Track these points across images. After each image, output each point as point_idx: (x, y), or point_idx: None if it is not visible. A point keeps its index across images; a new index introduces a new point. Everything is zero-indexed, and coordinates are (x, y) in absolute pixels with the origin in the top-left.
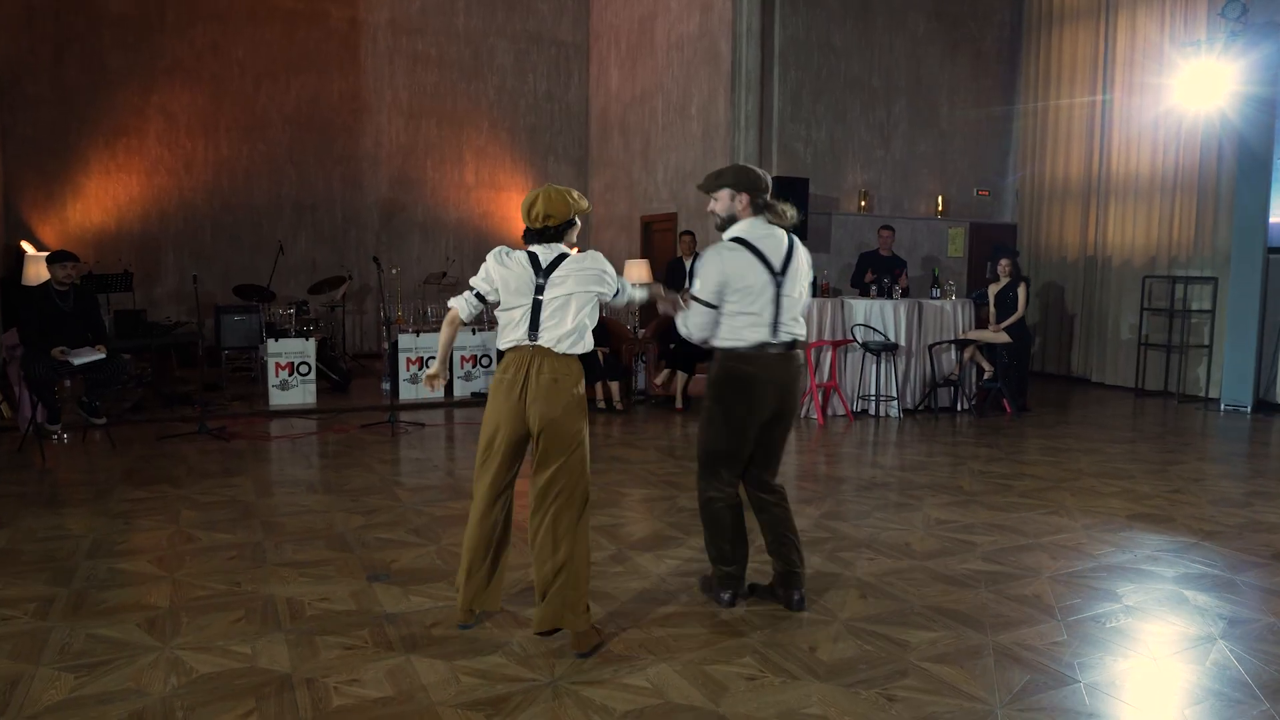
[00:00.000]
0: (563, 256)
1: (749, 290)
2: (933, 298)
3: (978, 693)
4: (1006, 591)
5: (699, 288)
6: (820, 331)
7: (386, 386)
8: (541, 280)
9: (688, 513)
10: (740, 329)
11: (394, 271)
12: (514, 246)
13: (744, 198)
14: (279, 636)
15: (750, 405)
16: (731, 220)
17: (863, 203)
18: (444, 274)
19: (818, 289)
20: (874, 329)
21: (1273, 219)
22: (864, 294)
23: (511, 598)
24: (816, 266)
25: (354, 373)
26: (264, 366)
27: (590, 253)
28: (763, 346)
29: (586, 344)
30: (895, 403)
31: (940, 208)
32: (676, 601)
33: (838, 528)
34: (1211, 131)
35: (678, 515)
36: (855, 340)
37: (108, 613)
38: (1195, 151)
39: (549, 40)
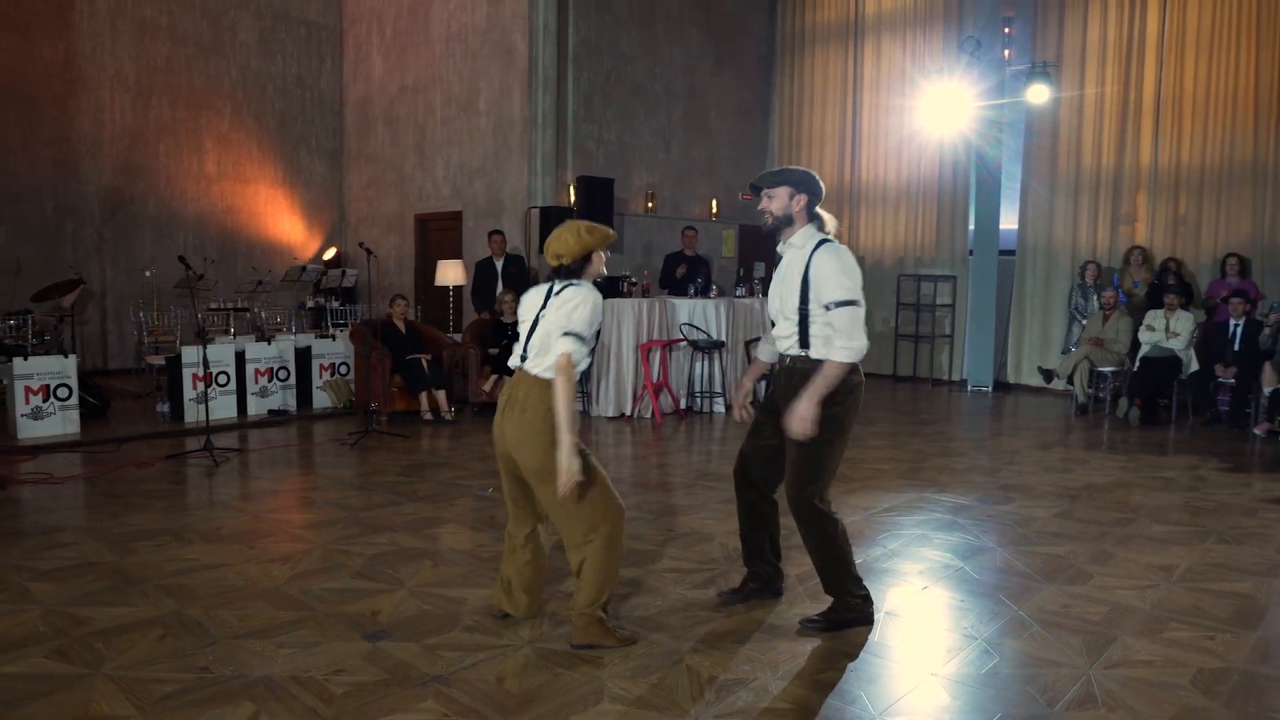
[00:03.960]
0: (566, 287)
1: None
2: (737, 296)
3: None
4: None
5: (850, 289)
6: (650, 332)
7: (165, 409)
8: (542, 309)
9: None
10: None
11: (147, 274)
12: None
13: (802, 199)
14: None
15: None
16: (788, 221)
17: (650, 204)
18: (200, 276)
19: (640, 289)
20: (698, 328)
21: (1003, 226)
22: (679, 293)
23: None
24: (617, 266)
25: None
26: (4, 392)
27: (581, 287)
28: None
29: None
30: (721, 398)
31: (714, 210)
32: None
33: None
34: (950, 148)
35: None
36: (684, 339)
37: None
38: (935, 165)
39: (297, 19)
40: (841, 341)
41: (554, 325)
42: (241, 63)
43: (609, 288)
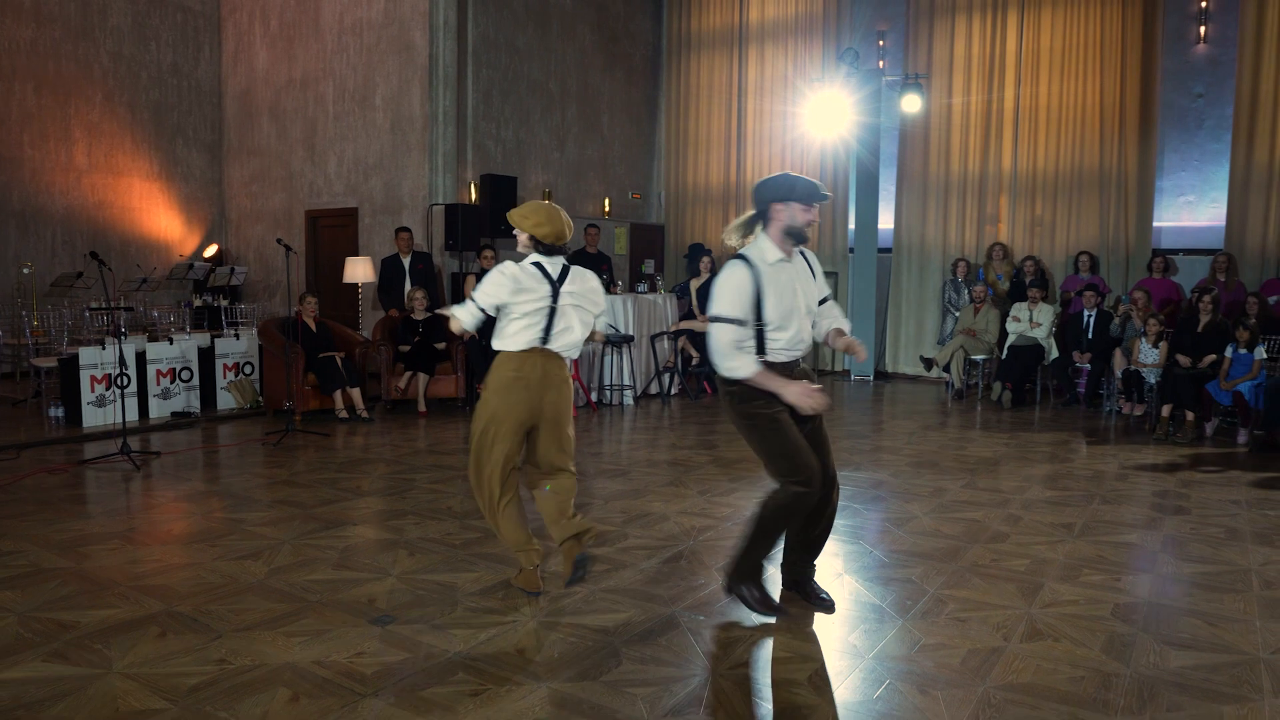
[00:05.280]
0: (567, 269)
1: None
2: (639, 292)
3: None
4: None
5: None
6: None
7: (59, 413)
8: (556, 289)
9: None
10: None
11: (26, 270)
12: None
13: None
14: (387, 706)
15: None
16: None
17: (546, 202)
18: (79, 274)
19: None
20: (608, 323)
21: (881, 225)
22: None
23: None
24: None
25: None
26: None
27: (587, 271)
28: None
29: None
30: (630, 391)
31: (606, 209)
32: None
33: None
34: (831, 152)
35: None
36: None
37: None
38: (817, 168)
39: (173, 5)
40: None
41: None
42: (113, 48)
43: None
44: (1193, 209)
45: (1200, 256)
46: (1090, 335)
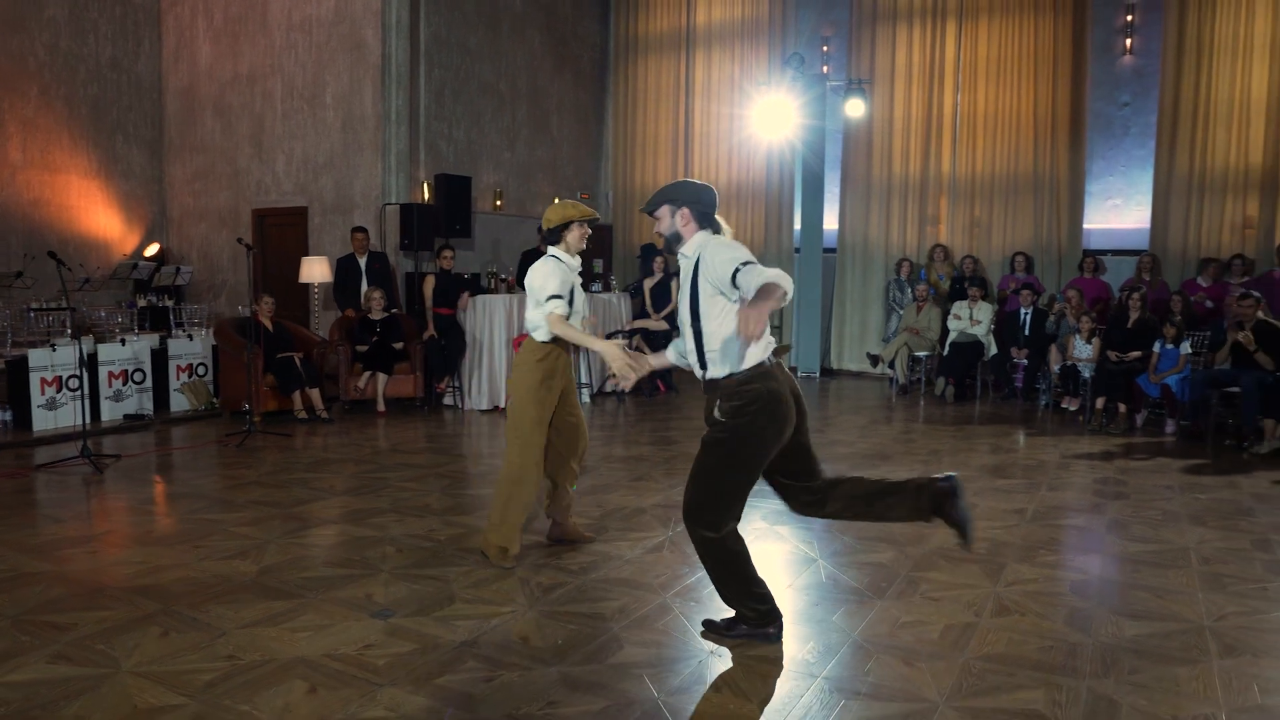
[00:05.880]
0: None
1: None
2: (593, 291)
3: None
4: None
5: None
6: (520, 326)
7: (6, 417)
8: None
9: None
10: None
11: None
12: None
13: (685, 212)
14: (406, 694)
15: None
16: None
17: (498, 202)
18: (19, 274)
19: (507, 285)
20: None
21: (826, 226)
22: None
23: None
24: (467, 264)
25: None
26: None
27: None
28: None
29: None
30: (587, 389)
31: None
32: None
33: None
34: (778, 154)
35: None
36: None
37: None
38: (764, 169)
39: None
40: None
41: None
42: (49, 41)
43: (473, 285)
44: (1119, 212)
45: (1126, 257)
46: (1027, 332)
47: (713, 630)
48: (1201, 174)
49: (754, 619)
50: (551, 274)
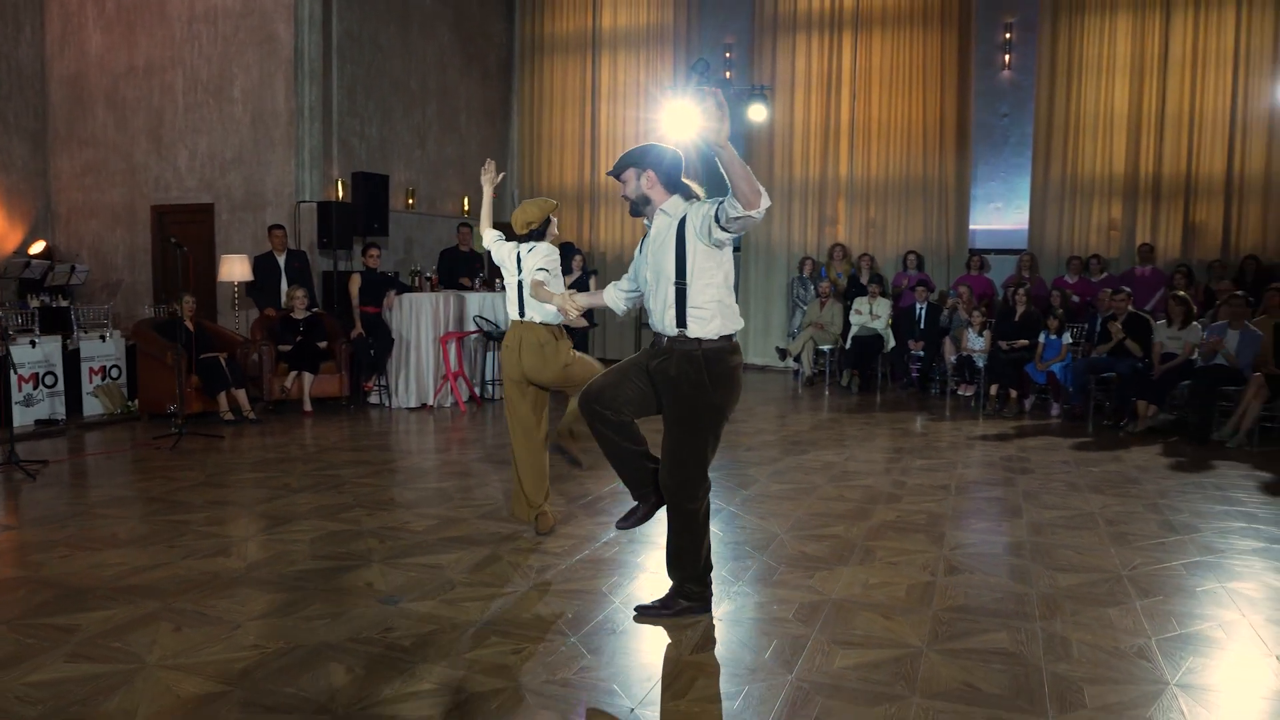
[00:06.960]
0: (535, 246)
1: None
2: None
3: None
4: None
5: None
6: (447, 324)
7: None
8: (520, 269)
9: None
10: None
11: None
12: None
13: (650, 175)
14: (444, 669)
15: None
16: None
17: (410, 200)
18: None
19: (429, 284)
20: (488, 319)
21: None
22: (467, 288)
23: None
24: (386, 264)
25: None
26: None
27: (545, 243)
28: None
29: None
30: None
31: (465, 207)
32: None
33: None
34: (684, 157)
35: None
36: (481, 330)
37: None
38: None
39: None
40: None
41: (532, 268)
42: None
43: (396, 284)
44: (1001, 214)
45: (1008, 256)
46: (922, 326)
47: (648, 613)
48: (1072, 180)
49: (696, 596)
50: (557, 259)
